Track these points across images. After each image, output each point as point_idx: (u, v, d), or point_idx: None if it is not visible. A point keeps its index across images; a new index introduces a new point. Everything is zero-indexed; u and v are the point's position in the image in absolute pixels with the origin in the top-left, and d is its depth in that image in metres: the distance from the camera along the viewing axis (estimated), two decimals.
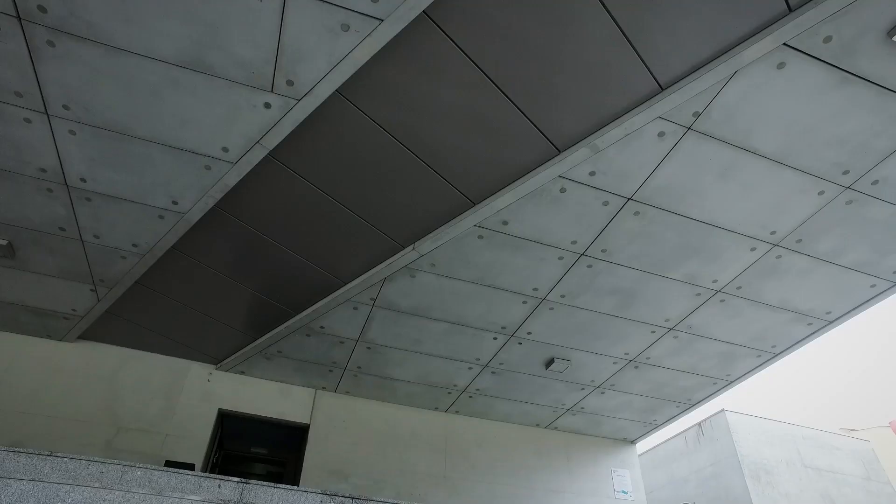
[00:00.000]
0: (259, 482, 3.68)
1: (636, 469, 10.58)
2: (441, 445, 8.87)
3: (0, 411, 6.49)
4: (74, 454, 3.71)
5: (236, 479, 3.65)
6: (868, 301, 6.45)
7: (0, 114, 4.24)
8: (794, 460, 14.94)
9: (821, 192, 5.00)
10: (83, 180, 4.80)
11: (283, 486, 3.69)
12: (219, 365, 7.74)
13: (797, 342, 7.29)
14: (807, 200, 5.07)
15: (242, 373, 7.84)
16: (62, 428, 6.65)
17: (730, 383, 8.37)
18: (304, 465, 7.71)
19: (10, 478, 2.98)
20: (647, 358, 7.61)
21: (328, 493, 3.77)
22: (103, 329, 7.00)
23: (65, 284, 6.09)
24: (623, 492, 10.31)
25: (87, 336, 7.14)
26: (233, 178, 4.68)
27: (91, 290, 6.16)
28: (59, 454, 3.75)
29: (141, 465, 3.53)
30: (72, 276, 5.94)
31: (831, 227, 5.37)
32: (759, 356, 7.60)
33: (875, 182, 4.89)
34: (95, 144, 4.48)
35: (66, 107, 4.19)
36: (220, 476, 3.62)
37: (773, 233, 5.41)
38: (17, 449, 3.30)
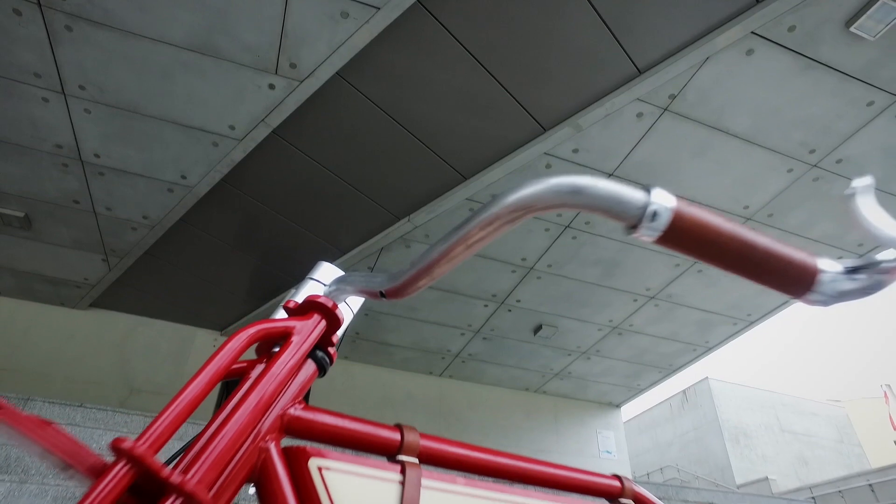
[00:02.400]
0: None
1: (620, 431, 11.13)
2: (435, 408, 9.34)
3: (20, 373, 6.89)
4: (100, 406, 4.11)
5: None
6: None
7: (20, 93, 4.50)
8: (772, 425, 15.62)
9: (789, 170, 5.34)
10: (97, 156, 5.09)
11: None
12: (223, 331, 8.13)
13: (770, 311, 7.71)
14: (776, 177, 5.42)
15: None
16: (78, 389, 7.06)
17: (708, 350, 8.82)
18: None
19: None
20: (630, 325, 8.04)
21: None
22: (114, 297, 7.35)
23: (78, 255, 6.41)
24: (607, 452, 10.87)
25: (98, 304, 7.50)
26: (238, 154, 4.97)
27: (103, 259, 6.49)
28: (88, 405, 4.15)
29: None
30: (84, 246, 6.26)
31: (800, 203, 5.73)
32: (735, 324, 8.04)
33: (839, 161, 5.23)
34: (109, 122, 4.76)
35: (81, 87, 4.46)
36: None
37: (745, 207, 5.76)
38: (52, 400, 3.67)
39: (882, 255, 0.46)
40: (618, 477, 0.63)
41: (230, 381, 0.48)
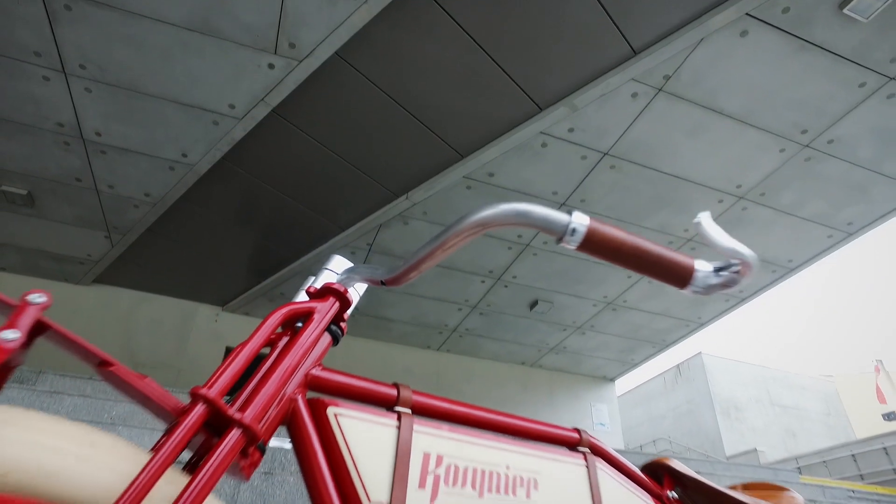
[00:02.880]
0: None
1: (614, 404, 11.39)
2: (433, 381, 9.56)
3: (29, 354, 7.05)
4: None
5: None
6: (826, 250, 6.99)
7: (21, 72, 4.55)
8: (762, 398, 15.97)
9: (782, 150, 5.42)
10: (98, 134, 5.15)
11: None
12: (225, 306, 8.28)
13: (761, 288, 7.87)
14: (769, 157, 5.50)
15: (247, 314, 8.39)
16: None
17: (700, 325, 9.01)
18: None
19: (64, 394, 3.50)
20: (625, 301, 8.20)
21: None
22: (117, 273, 7.47)
23: (81, 231, 6.51)
24: (600, 424, 11.15)
25: (101, 280, 7.62)
26: (239, 133, 5.04)
27: (105, 236, 6.59)
28: (97, 378, 4.30)
29: (173, 388, 4.07)
30: (87, 223, 6.35)
31: (792, 182, 5.82)
32: (728, 301, 8.21)
33: (831, 141, 5.32)
34: (110, 101, 4.81)
35: (82, 66, 4.50)
36: None
37: (738, 186, 5.86)
38: (63, 372, 3.82)
39: (733, 260, 0.59)
40: (577, 430, 0.75)
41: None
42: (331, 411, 0.53)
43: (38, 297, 0.44)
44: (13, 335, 0.42)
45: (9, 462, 0.36)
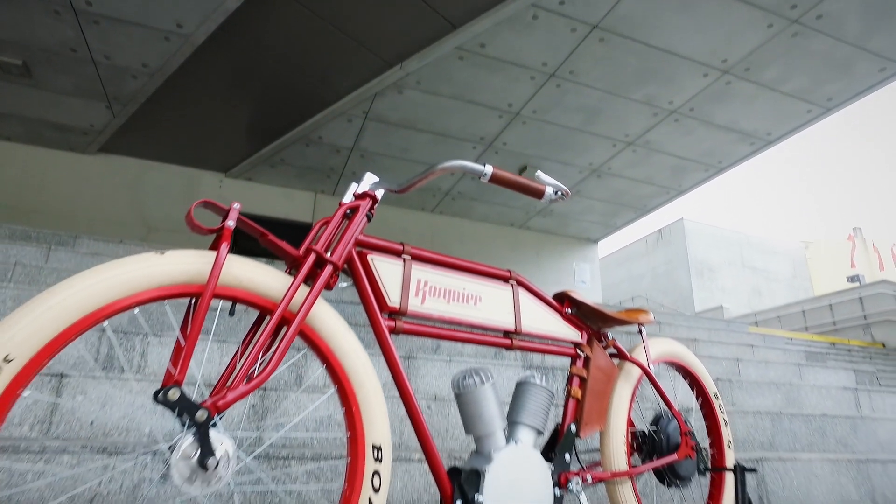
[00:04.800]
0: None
1: (595, 264, 12.27)
2: (427, 241, 10.26)
3: (48, 214, 7.51)
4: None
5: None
6: (803, 124, 7.30)
7: None
8: (735, 261, 17.07)
9: (770, 25, 5.53)
10: (89, 3, 5.14)
11: None
12: (228, 173, 8.65)
13: (740, 159, 8.27)
14: (756, 32, 5.62)
15: (249, 179, 8.81)
16: (101, 228, 7.74)
17: (680, 193, 9.52)
18: None
19: (103, 255, 4.05)
20: (609, 168, 8.62)
21: None
22: (121, 143, 7.71)
23: (81, 102, 6.65)
24: (582, 282, 12.10)
25: (106, 149, 7.88)
26: (233, 3, 5.07)
27: (106, 107, 6.75)
28: (126, 241, 4.83)
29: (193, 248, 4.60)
30: (87, 94, 6.47)
31: (777, 58, 5.99)
32: (707, 170, 8.64)
33: (819, 17, 5.42)
34: None
35: None
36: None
37: (724, 61, 6.03)
38: (96, 237, 4.32)
39: (560, 190, 1.07)
40: (508, 270, 1.24)
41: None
42: (369, 257, 1.00)
43: (236, 205, 0.87)
44: (232, 224, 0.85)
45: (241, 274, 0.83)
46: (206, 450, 0.73)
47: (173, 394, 0.73)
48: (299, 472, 1.90)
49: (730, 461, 1.52)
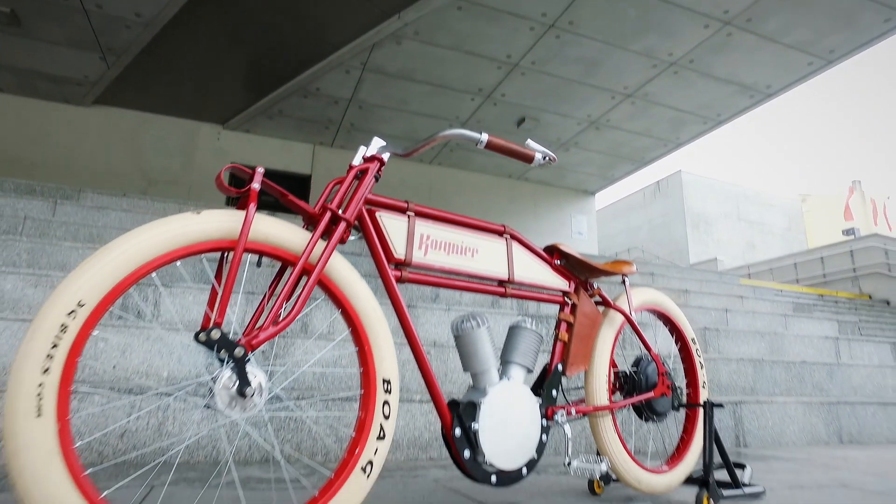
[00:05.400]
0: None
1: (592, 216, 12.37)
2: (425, 192, 10.32)
3: (47, 167, 7.53)
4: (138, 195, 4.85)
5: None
6: (804, 77, 7.26)
7: None
8: (731, 214, 17.17)
9: None
10: None
11: None
12: (226, 125, 8.62)
13: (739, 111, 8.26)
14: None
15: (248, 131, 8.78)
16: (102, 181, 7.77)
17: (678, 145, 9.54)
18: None
19: (108, 209, 4.13)
20: (607, 121, 8.61)
21: None
22: (117, 95, 7.65)
23: (74, 53, 6.56)
24: (579, 233, 12.24)
25: (102, 101, 7.81)
26: None
27: (100, 58, 6.66)
28: (130, 195, 4.91)
29: (196, 202, 4.70)
30: (80, 44, 6.38)
31: (779, 9, 5.92)
32: (705, 123, 8.64)
33: None
34: None
35: None
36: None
37: (725, 12, 5.96)
38: (99, 191, 4.40)
39: (549, 155, 1.17)
40: (503, 225, 1.35)
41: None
42: (378, 214, 1.11)
43: (260, 169, 0.97)
44: (257, 186, 0.95)
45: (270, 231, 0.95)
46: (244, 381, 0.86)
47: (215, 334, 0.85)
48: (319, 403, 2.08)
49: (703, 400, 1.68)
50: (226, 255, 0.96)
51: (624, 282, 1.59)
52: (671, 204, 17.35)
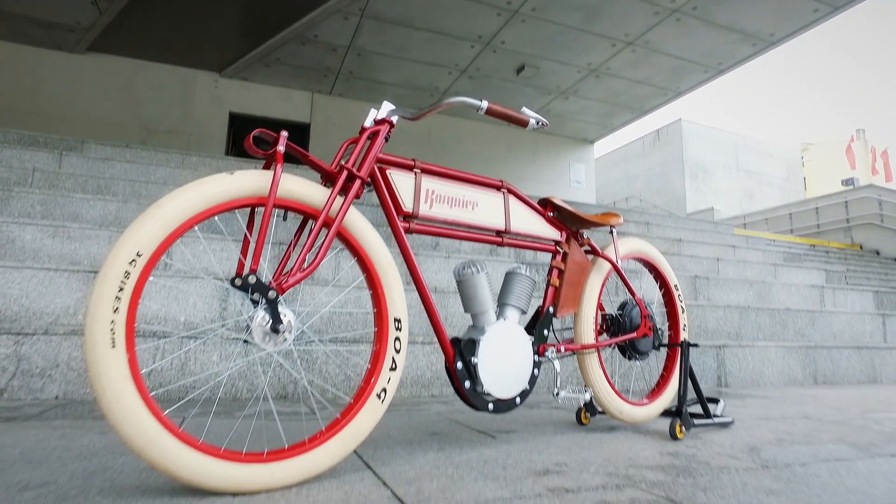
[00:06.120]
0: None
1: (590, 164, 12.38)
2: (424, 141, 10.31)
3: (42, 117, 7.49)
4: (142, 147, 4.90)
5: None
6: (809, 24, 7.18)
7: None
8: (730, 163, 17.14)
9: None
10: None
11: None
12: (223, 73, 8.51)
13: (741, 60, 8.19)
14: None
15: (245, 79, 8.68)
16: (101, 131, 7.75)
17: (678, 94, 9.49)
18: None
19: (114, 160, 4.20)
20: (608, 69, 8.54)
21: None
22: (111, 41, 7.53)
23: None
24: (577, 182, 12.28)
25: (96, 48, 7.69)
26: None
27: (92, 2, 6.52)
28: (133, 146, 4.96)
29: (199, 154, 4.76)
30: None
31: None
32: (707, 72, 8.57)
33: None
34: None
35: None
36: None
37: (672, 0, 5.84)
38: (102, 142, 4.45)
39: (542, 120, 1.27)
40: (500, 181, 1.46)
41: (236, 115, 1.31)
42: (388, 172, 1.23)
43: (284, 133, 1.07)
44: (282, 148, 1.06)
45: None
46: (277, 318, 1.00)
47: (251, 279, 0.98)
48: (338, 339, 2.25)
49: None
50: (255, 209, 1.08)
51: (612, 232, 1.72)
52: (670, 153, 17.30)
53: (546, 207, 1.59)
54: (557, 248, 1.58)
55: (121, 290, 0.86)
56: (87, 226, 2.78)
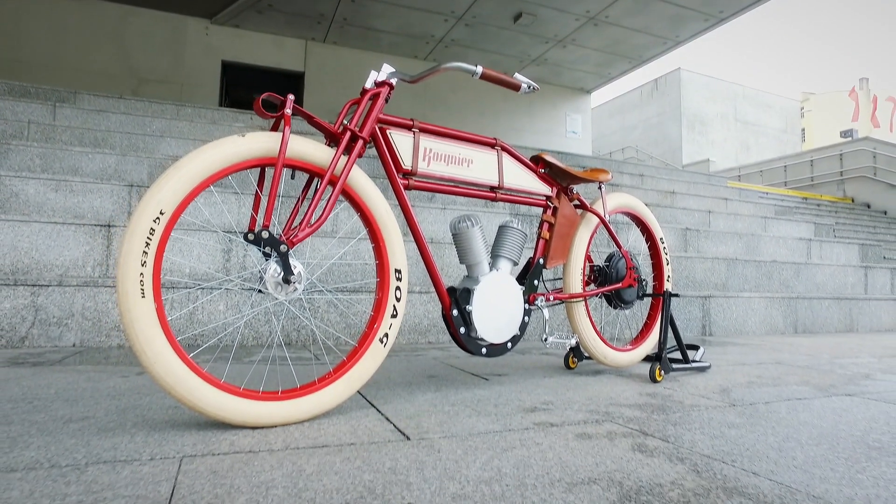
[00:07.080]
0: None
1: (587, 115, 12.27)
2: (420, 92, 10.17)
3: (28, 65, 7.33)
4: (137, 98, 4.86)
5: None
6: None
7: None
8: (728, 114, 17.01)
9: None
10: None
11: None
12: (213, 19, 8.29)
13: (743, 8, 8.04)
14: None
15: (237, 26, 8.47)
16: (91, 80, 7.61)
17: (677, 44, 9.34)
18: (304, 108, 9.01)
19: (108, 111, 4.19)
20: (606, 17, 8.38)
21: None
22: None
23: None
24: (573, 132, 12.20)
25: None
26: None
27: None
28: (127, 97, 4.92)
29: (193, 105, 4.74)
30: None
31: None
32: (707, 20, 8.42)
33: None
34: None
35: None
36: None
37: None
38: (95, 93, 4.41)
39: (533, 85, 1.33)
40: (494, 138, 1.53)
41: (228, 64, 1.37)
42: (388, 131, 1.29)
43: (291, 96, 1.12)
44: (289, 111, 1.12)
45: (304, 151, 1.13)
46: (288, 270, 1.09)
47: (264, 234, 1.06)
48: (344, 288, 2.36)
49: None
50: (264, 169, 1.15)
51: (600, 187, 1.80)
52: (668, 103, 17.13)
53: (538, 164, 1.66)
54: (548, 202, 1.66)
55: (147, 245, 0.94)
56: (88, 179, 2.83)
